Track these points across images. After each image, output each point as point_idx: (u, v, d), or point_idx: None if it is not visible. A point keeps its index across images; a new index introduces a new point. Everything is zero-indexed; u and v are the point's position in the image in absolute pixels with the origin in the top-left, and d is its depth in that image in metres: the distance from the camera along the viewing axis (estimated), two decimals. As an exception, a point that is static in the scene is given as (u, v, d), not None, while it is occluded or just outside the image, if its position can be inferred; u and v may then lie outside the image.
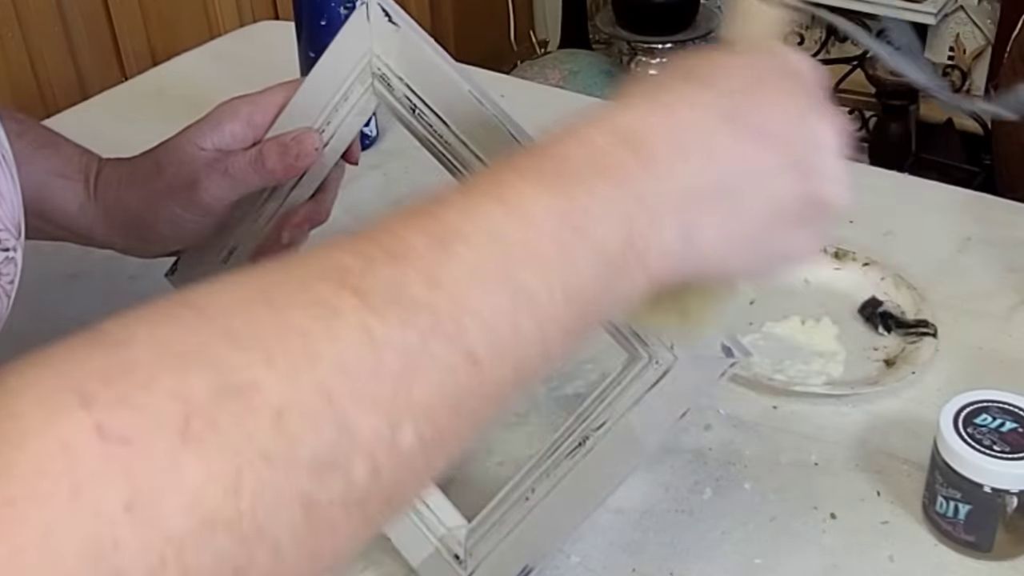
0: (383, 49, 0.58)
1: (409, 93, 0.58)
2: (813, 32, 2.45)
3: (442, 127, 0.58)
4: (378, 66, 0.59)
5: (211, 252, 0.69)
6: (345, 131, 0.63)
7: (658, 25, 2.35)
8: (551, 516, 0.59)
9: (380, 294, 0.34)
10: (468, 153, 0.58)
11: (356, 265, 0.34)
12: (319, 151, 0.62)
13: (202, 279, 0.39)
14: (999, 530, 0.64)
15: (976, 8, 2.23)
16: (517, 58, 2.68)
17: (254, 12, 2.02)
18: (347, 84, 0.61)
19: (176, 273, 0.73)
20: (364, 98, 0.61)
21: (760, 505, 0.69)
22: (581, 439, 0.58)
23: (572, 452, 0.58)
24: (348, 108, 0.62)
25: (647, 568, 0.66)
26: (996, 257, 0.89)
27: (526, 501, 0.60)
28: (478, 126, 0.57)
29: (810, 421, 0.75)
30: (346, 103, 0.61)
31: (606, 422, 0.58)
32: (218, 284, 0.33)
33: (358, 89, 0.60)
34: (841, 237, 0.91)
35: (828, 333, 0.82)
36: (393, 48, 0.58)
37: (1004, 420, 0.64)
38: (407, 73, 0.58)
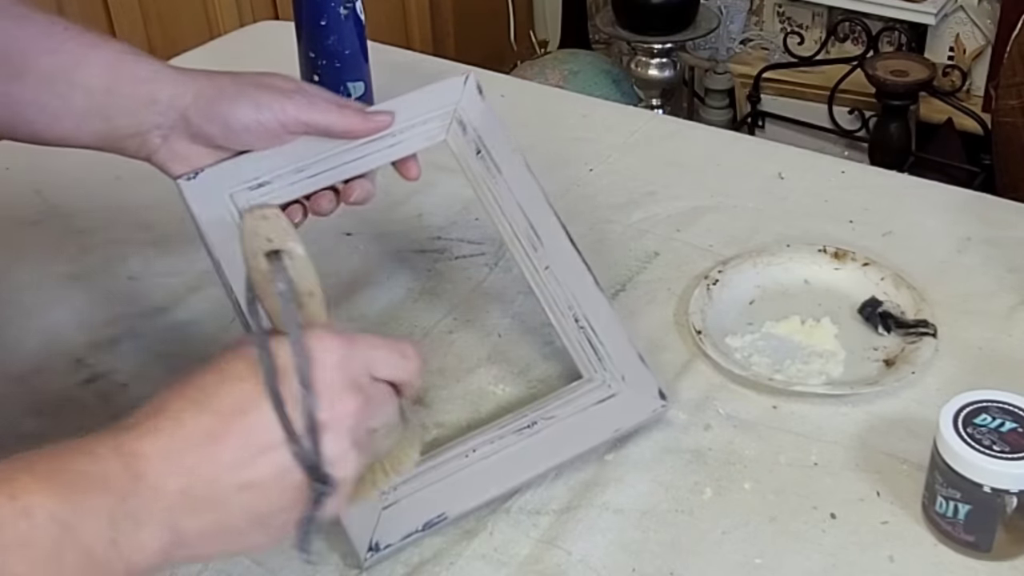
0: (468, 107, 0.78)
1: (478, 140, 0.78)
2: (813, 32, 2.46)
3: (496, 172, 0.78)
4: (461, 114, 0.78)
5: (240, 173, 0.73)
6: (410, 144, 0.76)
7: (658, 25, 2.35)
8: (480, 477, 0.68)
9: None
10: (510, 197, 0.77)
11: None
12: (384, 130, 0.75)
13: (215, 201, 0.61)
14: (999, 530, 0.64)
15: (976, 8, 2.23)
16: (517, 58, 2.68)
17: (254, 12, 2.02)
18: (429, 115, 0.77)
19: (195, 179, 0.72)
20: (438, 129, 0.78)
21: (760, 505, 0.69)
22: (531, 422, 0.71)
23: (520, 430, 0.71)
24: (423, 130, 0.77)
25: (647, 568, 0.66)
26: (996, 257, 0.89)
27: (465, 458, 0.69)
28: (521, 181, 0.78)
29: (810, 421, 0.75)
30: (423, 126, 0.77)
31: (556, 416, 0.72)
32: None
33: (437, 122, 0.78)
34: (841, 237, 0.91)
35: (828, 333, 0.82)
36: (475, 109, 0.78)
37: (1004, 420, 0.64)
38: (480, 128, 0.78)
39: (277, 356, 0.51)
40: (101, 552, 0.47)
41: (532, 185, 0.77)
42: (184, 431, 0.50)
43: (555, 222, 0.77)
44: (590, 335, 0.75)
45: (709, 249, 0.92)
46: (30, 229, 0.98)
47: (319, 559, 0.66)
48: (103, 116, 0.72)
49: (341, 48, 1.00)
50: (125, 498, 0.48)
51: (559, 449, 0.71)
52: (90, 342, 0.84)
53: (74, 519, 0.46)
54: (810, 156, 1.08)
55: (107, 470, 0.48)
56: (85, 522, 0.46)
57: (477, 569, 0.66)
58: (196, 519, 0.50)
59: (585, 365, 0.75)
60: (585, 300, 0.76)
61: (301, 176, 0.74)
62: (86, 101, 0.71)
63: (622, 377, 0.74)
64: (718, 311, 0.83)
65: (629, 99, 2.35)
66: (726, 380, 0.79)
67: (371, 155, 0.75)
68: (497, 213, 0.77)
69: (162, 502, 0.49)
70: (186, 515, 0.50)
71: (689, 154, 1.06)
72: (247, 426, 0.51)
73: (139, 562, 0.49)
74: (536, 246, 0.77)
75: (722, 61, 2.56)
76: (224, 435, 0.51)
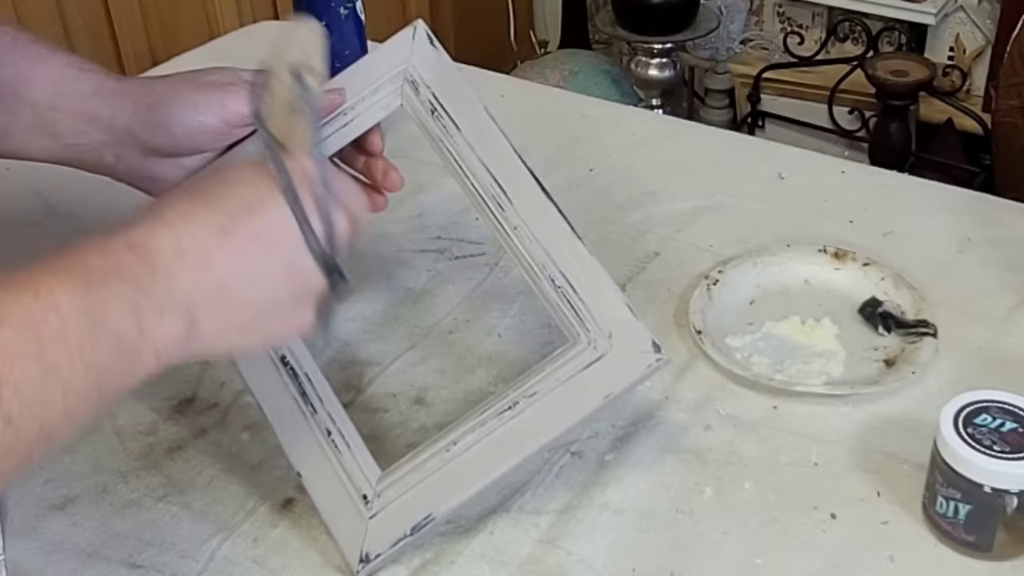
0: (419, 63, 0.72)
1: (432, 98, 0.71)
2: (813, 32, 2.46)
3: (454, 130, 0.71)
4: (411, 73, 0.72)
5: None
6: (365, 118, 0.71)
7: (658, 25, 2.35)
8: (464, 470, 0.65)
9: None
10: (471, 154, 0.71)
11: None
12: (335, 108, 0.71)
13: None
14: (999, 530, 0.64)
15: (976, 8, 2.23)
16: (517, 58, 2.68)
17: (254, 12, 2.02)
18: (380, 81, 0.72)
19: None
20: (391, 95, 0.72)
21: (760, 505, 0.69)
22: (511, 403, 0.66)
23: (501, 413, 0.66)
24: (375, 100, 0.71)
25: (647, 568, 0.66)
26: (996, 257, 0.89)
27: (446, 452, 0.66)
28: (483, 135, 0.71)
29: (810, 421, 0.75)
30: (374, 96, 0.71)
31: (538, 392, 0.66)
32: None
33: (388, 88, 0.72)
34: (841, 237, 0.91)
35: (828, 333, 0.82)
36: (427, 64, 0.72)
37: (1004, 420, 0.64)
38: (434, 83, 0.71)
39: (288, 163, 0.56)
40: (130, 338, 0.50)
41: (496, 137, 0.71)
42: (194, 227, 0.53)
43: (524, 172, 0.70)
44: (568, 294, 0.67)
45: (709, 249, 0.92)
46: (30, 229, 0.98)
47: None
48: (50, 133, 0.71)
49: (341, 48, 1.00)
50: (143, 287, 0.50)
51: (545, 428, 0.65)
52: (90, 342, 0.83)
53: (100, 309, 0.48)
54: (810, 156, 1.08)
55: (122, 263, 0.50)
56: (111, 311, 0.49)
57: (477, 569, 0.66)
58: (209, 311, 0.53)
59: (569, 328, 0.67)
60: (560, 255, 0.68)
61: None
62: (33, 117, 0.70)
63: (609, 335, 0.66)
64: (718, 311, 0.83)
65: (629, 99, 2.35)
66: (726, 380, 0.78)
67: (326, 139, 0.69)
68: (460, 175, 0.71)
69: (177, 293, 0.51)
70: (200, 306, 0.52)
71: (689, 154, 1.06)
72: (258, 222, 0.54)
73: (165, 348, 0.51)
74: (504, 205, 0.69)
75: (722, 61, 2.56)
76: (234, 230, 0.54)
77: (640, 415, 0.76)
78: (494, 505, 0.70)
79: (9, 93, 0.70)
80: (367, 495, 0.66)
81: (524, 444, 0.65)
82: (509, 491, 0.70)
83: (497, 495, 0.70)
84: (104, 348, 0.48)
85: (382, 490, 0.66)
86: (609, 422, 0.75)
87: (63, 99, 0.71)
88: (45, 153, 0.72)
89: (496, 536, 0.68)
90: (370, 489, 0.66)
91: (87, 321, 0.48)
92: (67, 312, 0.47)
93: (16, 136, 0.71)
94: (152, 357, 0.51)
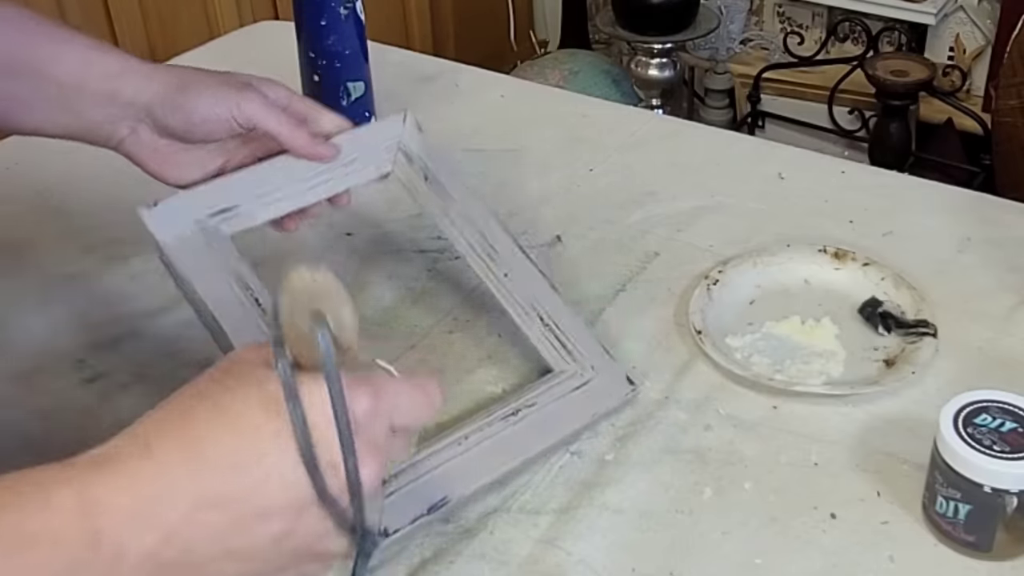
0: (409, 140, 0.83)
1: (425, 167, 0.82)
2: (813, 32, 2.46)
3: (447, 194, 0.82)
4: (404, 146, 0.82)
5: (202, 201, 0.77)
6: (359, 176, 0.80)
7: (658, 25, 2.35)
8: (476, 461, 0.71)
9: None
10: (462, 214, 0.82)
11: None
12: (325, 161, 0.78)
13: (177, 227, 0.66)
14: (999, 530, 0.64)
15: (976, 8, 2.23)
16: (517, 58, 2.68)
17: (254, 12, 2.02)
18: (376, 147, 0.81)
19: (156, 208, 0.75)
20: (385, 161, 0.82)
21: (760, 505, 0.69)
22: (515, 410, 0.74)
23: (506, 417, 0.73)
24: (371, 160, 0.81)
25: (647, 568, 0.66)
26: (996, 257, 0.89)
27: (459, 445, 0.71)
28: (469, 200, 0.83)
29: (810, 421, 0.75)
30: (371, 157, 0.81)
31: (536, 404, 0.74)
32: None
33: (383, 154, 0.82)
34: (841, 237, 0.91)
35: (828, 333, 0.82)
36: (415, 142, 0.83)
37: (1004, 420, 0.64)
38: (424, 157, 0.82)
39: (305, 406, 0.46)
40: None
41: (482, 207, 0.82)
42: (167, 480, 0.44)
43: (508, 239, 0.81)
44: (556, 332, 0.78)
45: (709, 249, 0.92)
46: (30, 229, 0.98)
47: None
48: (73, 110, 0.75)
49: (341, 48, 1.00)
50: (76, 563, 0.42)
51: (544, 434, 0.73)
52: (90, 342, 0.83)
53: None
54: (810, 156, 1.08)
55: (60, 525, 0.42)
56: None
57: (477, 569, 0.66)
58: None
59: (555, 359, 0.77)
60: (546, 302, 0.79)
61: (262, 202, 0.78)
62: (58, 94, 0.74)
63: (592, 367, 0.76)
64: (718, 311, 0.83)
65: (629, 99, 2.35)
66: (726, 380, 0.79)
67: (327, 183, 0.79)
68: (452, 231, 0.82)
69: (121, 568, 0.43)
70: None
71: (689, 154, 1.06)
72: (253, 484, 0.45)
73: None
74: (493, 256, 0.81)
75: (722, 61, 2.56)
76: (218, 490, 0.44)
77: (640, 415, 0.76)
78: (494, 505, 0.70)
79: (34, 71, 0.74)
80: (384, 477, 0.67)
81: (528, 446, 0.72)
82: (509, 491, 0.71)
83: (497, 495, 0.70)
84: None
85: (397, 472, 0.68)
86: (609, 422, 0.75)
87: (90, 77, 0.74)
88: (64, 129, 0.76)
89: (496, 536, 0.68)
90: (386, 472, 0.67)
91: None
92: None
93: (37, 112, 0.75)
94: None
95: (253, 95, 0.75)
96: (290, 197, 0.78)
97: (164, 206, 0.75)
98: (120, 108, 0.74)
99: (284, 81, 0.78)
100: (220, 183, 0.77)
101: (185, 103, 0.74)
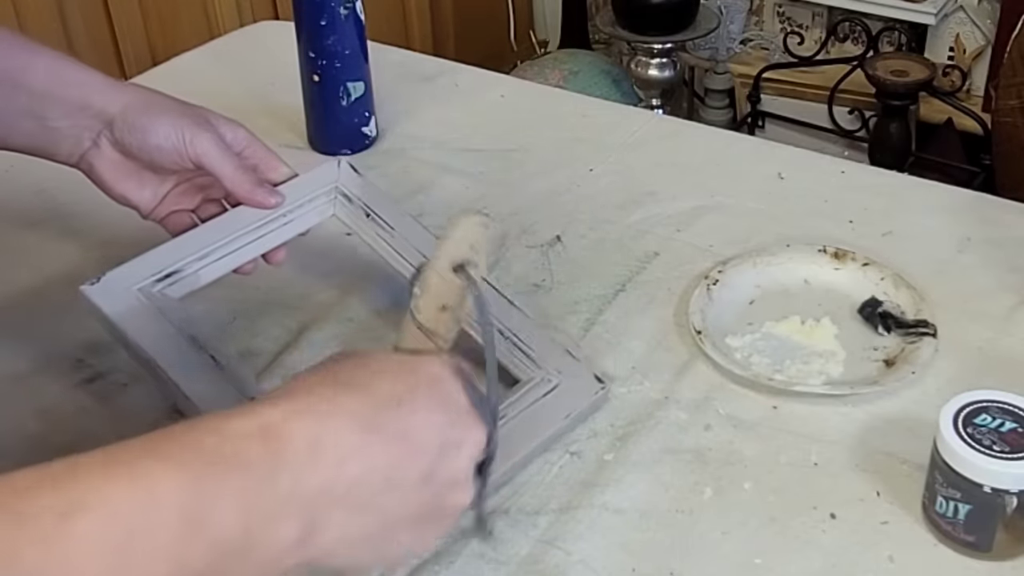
0: (347, 183, 0.84)
1: (364, 206, 0.84)
2: (813, 32, 2.46)
3: (388, 227, 0.83)
4: (343, 189, 0.84)
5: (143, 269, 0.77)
6: (300, 222, 0.82)
7: (658, 25, 2.35)
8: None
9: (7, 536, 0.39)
10: (407, 244, 0.82)
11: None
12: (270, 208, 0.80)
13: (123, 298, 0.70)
14: (999, 530, 0.64)
15: (976, 8, 2.23)
16: (517, 58, 2.68)
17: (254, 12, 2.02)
18: (314, 194, 0.83)
19: (98, 283, 0.76)
20: (325, 204, 0.83)
21: (760, 505, 0.69)
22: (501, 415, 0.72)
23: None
24: (310, 207, 0.83)
25: (647, 568, 0.66)
26: (996, 257, 0.89)
27: None
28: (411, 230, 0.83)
29: (810, 421, 0.75)
30: (310, 204, 0.83)
31: (506, 415, 0.73)
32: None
33: (322, 199, 0.83)
34: (841, 237, 0.91)
35: (828, 333, 0.82)
36: (354, 184, 0.85)
37: (1004, 420, 0.64)
38: (363, 196, 0.84)
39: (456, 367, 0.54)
40: (231, 542, 0.44)
41: (423, 232, 0.83)
42: (338, 416, 0.48)
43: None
44: (517, 342, 0.78)
45: (709, 249, 0.92)
46: (31, 230, 0.98)
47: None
48: (38, 116, 0.76)
49: (341, 48, 1.00)
50: (262, 485, 0.45)
51: (525, 438, 0.72)
52: (90, 342, 0.83)
53: (203, 507, 0.43)
54: (810, 156, 1.08)
55: (246, 451, 0.45)
56: (215, 510, 0.44)
57: (476, 569, 0.66)
58: (332, 516, 0.47)
59: (521, 369, 0.77)
60: (503, 316, 0.79)
61: (205, 263, 0.78)
62: (28, 103, 0.75)
63: (558, 371, 0.76)
64: (718, 311, 0.83)
65: (629, 99, 2.35)
66: (726, 380, 0.79)
67: (267, 235, 0.80)
68: (398, 261, 0.82)
69: (300, 494, 0.46)
70: (323, 510, 0.47)
71: (689, 154, 1.06)
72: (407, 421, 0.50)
73: (272, 557, 0.46)
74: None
75: (722, 61, 2.56)
76: (381, 428, 0.49)
77: (640, 415, 0.76)
78: (493, 505, 0.70)
79: (7, 80, 0.75)
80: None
81: (511, 452, 0.71)
82: (508, 491, 0.70)
83: (496, 495, 0.70)
84: (199, 549, 0.43)
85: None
86: (608, 422, 0.75)
87: (59, 85, 0.76)
88: (28, 138, 0.77)
89: (495, 536, 0.68)
90: None
91: (184, 519, 0.42)
92: (163, 505, 0.42)
93: (4, 121, 0.76)
94: (254, 562, 0.45)
95: (208, 135, 0.77)
96: (233, 253, 0.79)
97: (107, 279, 0.76)
98: (88, 118, 0.76)
99: (284, 81, 0.78)
100: (161, 249, 0.78)
101: (145, 124, 0.76)
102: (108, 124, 0.76)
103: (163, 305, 0.76)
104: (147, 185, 0.79)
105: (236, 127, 0.80)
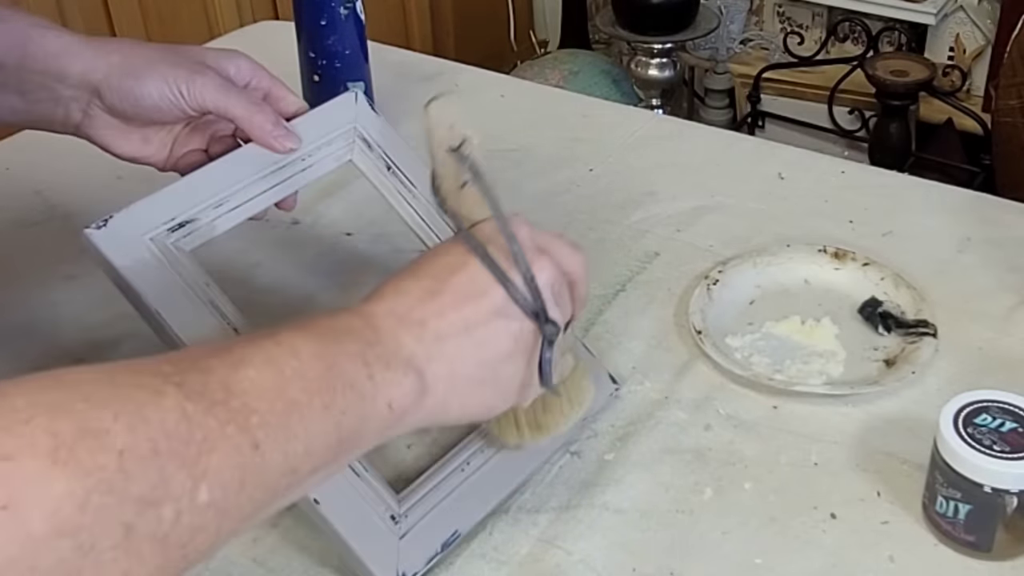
0: (365, 124, 0.78)
1: (384, 155, 0.78)
2: (813, 32, 2.46)
3: (411, 186, 0.78)
4: (362, 132, 0.78)
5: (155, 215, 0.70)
6: (320, 166, 0.75)
7: (658, 25, 2.35)
8: (481, 486, 0.69)
9: (193, 388, 0.45)
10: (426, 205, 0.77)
11: (174, 371, 0.45)
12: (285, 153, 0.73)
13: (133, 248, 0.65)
14: (999, 530, 0.64)
15: (976, 8, 2.23)
16: (517, 58, 2.68)
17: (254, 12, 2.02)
18: (331, 135, 0.76)
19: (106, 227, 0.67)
20: (343, 147, 0.77)
21: (760, 505, 0.69)
22: None
23: None
24: (328, 151, 0.76)
25: (647, 568, 0.66)
26: (996, 257, 0.90)
27: (461, 472, 0.69)
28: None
29: (810, 421, 0.75)
30: (328, 147, 0.76)
31: None
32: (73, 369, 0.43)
33: (339, 142, 0.76)
34: (841, 237, 0.91)
35: (828, 333, 0.82)
36: (373, 127, 0.78)
37: (1004, 420, 0.64)
38: (383, 143, 0.78)
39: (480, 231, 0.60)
40: (362, 384, 0.52)
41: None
42: (404, 294, 0.57)
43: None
44: None
45: (709, 249, 0.92)
46: (30, 229, 0.98)
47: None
48: (18, 91, 0.72)
49: (341, 48, 1.00)
50: (371, 344, 0.54)
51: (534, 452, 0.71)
52: (90, 342, 0.83)
53: (333, 358, 0.51)
54: (810, 156, 1.08)
55: (350, 325, 0.54)
56: (342, 361, 0.52)
57: (477, 568, 0.66)
58: (434, 365, 0.55)
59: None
60: None
61: (221, 211, 0.71)
62: (3, 77, 0.72)
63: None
64: (718, 311, 0.83)
65: (629, 99, 2.36)
66: (726, 380, 0.79)
67: (286, 181, 0.74)
68: (417, 222, 0.78)
69: (401, 351, 0.55)
70: (424, 361, 0.55)
71: (689, 154, 1.06)
72: (462, 278, 0.58)
73: (397, 401, 0.53)
74: None
75: (722, 61, 2.56)
76: (442, 290, 0.57)
77: (640, 415, 0.76)
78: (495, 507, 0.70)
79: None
80: (395, 515, 0.65)
81: (527, 462, 0.71)
82: (510, 493, 0.70)
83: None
84: (339, 391, 0.51)
85: (406, 510, 0.66)
86: (608, 422, 0.75)
87: (30, 58, 0.72)
88: (14, 114, 0.73)
89: (495, 536, 0.68)
90: (396, 509, 0.66)
91: (322, 366, 0.50)
92: (304, 356, 0.50)
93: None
94: (384, 407, 0.53)
95: (206, 79, 0.71)
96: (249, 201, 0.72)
97: (114, 223, 0.67)
98: (71, 88, 0.72)
99: (284, 81, 0.77)
100: (173, 190, 0.70)
101: (132, 86, 0.71)
102: (94, 92, 0.72)
103: (176, 262, 0.68)
104: (152, 139, 0.75)
105: (236, 57, 0.75)
